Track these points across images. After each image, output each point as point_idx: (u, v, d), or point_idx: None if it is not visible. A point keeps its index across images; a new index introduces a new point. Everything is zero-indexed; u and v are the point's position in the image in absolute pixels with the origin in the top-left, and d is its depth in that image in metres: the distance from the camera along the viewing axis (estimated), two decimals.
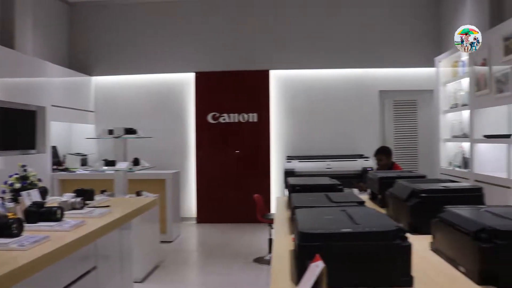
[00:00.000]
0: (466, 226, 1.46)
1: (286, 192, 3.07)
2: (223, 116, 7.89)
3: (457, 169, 5.80)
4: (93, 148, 7.49)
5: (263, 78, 7.80)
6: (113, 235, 3.15)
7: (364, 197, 3.38)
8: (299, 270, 1.31)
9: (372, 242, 1.33)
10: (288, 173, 6.61)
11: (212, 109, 7.88)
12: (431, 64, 6.84)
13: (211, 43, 7.87)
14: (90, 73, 8.01)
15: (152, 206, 3.88)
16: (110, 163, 5.05)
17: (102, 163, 5.18)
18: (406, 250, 1.35)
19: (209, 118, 7.88)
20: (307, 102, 7.75)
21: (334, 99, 7.71)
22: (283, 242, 1.98)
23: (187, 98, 7.97)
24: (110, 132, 5.06)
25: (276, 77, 7.85)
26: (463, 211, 1.64)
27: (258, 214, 5.44)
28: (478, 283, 1.41)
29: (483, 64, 5.05)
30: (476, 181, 5.08)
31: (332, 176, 3.43)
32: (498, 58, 4.68)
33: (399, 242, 1.35)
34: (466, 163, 5.59)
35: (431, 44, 7.59)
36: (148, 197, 5.05)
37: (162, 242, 5.85)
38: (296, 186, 2.71)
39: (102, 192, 4.52)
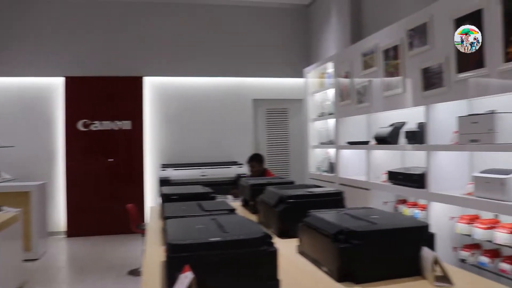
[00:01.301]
0: (327, 229, 1.57)
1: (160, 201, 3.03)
2: (94, 123, 7.55)
3: (324, 173, 6.15)
4: None
5: (136, 84, 7.61)
6: None
7: (238, 204, 3.46)
8: (169, 282, 1.31)
9: (239, 250, 1.37)
10: (163, 182, 6.53)
11: (83, 116, 7.50)
12: (301, 75, 7.22)
13: (82, 47, 7.49)
14: None
15: (12, 222, 3.58)
16: None
17: None
18: (273, 255, 1.41)
19: (80, 125, 7.48)
20: (182, 110, 7.74)
21: (209, 107, 7.79)
22: (155, 253, 1.95)
23: (56, 104, 7.49)
24: None
25: (150, 84, 7.71)
26: (325, 214, 1.76)
27: (132, 224, 5.29)
28: (338, 281, 1.52)
29: (346, 77, 5.44)
30: (341, 184, 5.44)
31: (208, 183, 3.47)
32: (359, 72, 5.08)
33: (266, 248, 1.40)
34: (332, 168, 5.95)
35: (301, 56, 8.04)
36: (8, 212, 4.64)
37: (26, 260, 5.39)
38: (169, 195, 2.69)
39: None
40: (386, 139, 4.47)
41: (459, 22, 3.43)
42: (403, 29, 4.18)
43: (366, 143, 4.99)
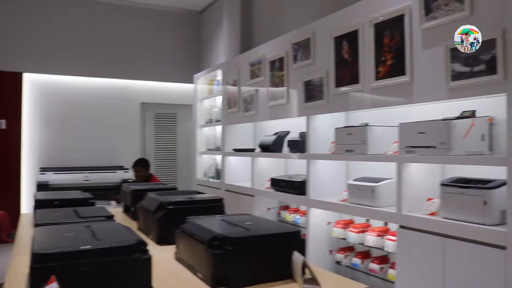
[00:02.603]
0: (202, 235, 1.58)
1: None
2: None
3: (211, 180, 6.19)
4: None
5: (14, 80, 7.03)
6: None
7: (119, 210, 3.37)
8: None
9: (111, 258, 1.33)
10: (41, 186, 6.12)
11: None
12: (190, 80, 7.20)
13: None
14: None
15: None
16: None
17: None
18: (146, 262, 1.39)
19: None
20: (67, 111, 7.29)
21: (96, 109, 7.45)
22: (22, 264, 1.83)
23: None
24: None
25: (31, 81, 7.16)
26: (202, 221, 1.78)
27: (2, 233, 4.89)
28: (212, 287, 1.54)
29: (234, 85, 5.54)
30: (227, 190, 5.52)
31: (91, 188, 3.34)
32: (246, 81, 5.20)
33: (139, 256, 1.38)
34: (218, 174, 6.01)
35: (191, 61, 8.03)
36: None
37: None
38: (42, 201, 2.54)
39: None
40: (270, 147, 4.62)
41: (338, 40, 3.68)
42: (289, 42, 4.36)
43: (251, 150, 5.12)
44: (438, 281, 2.75)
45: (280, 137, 4.64)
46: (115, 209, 3.33)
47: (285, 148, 4.53)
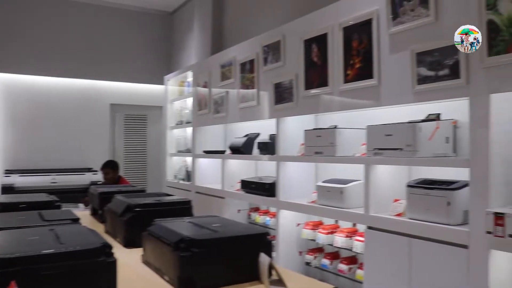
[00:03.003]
0: (169, 238, 1.57)
1: None
2: None
3: (182, 181, 6.16)
4: None
5: None
6: None
7: (87, 213, 3.31)
8: None
9: (75, 262, 1.31)
10: (6, 189, 5.98)
11: None
12: (161, 81, 7.15)
13: None
14: None
15: None
16: None
17: None
18: (111, 266, 1.37)
19: None
20: (33, 111, 7.10)
21: (63, 109, 7.29)
22: None
23: None
24: None
25: None
26: (169, 223, 1.77)
27: None
28: None
29: (205, 86, 5.53)
30: (197, 192, 5.50)
31: (59, 191, 3.27)
32: (216, 83, 5.19)
33: (104, 259, 1.36)
34: (189, 176, 5.99)
35: (162, 63, 7.96)
36: None
37: None
38: (6, 205, 2.48)
39: None
40: (240, 149, 4.62)
41: (307, 43, 3.71)
42: (259, 44, 4.38)
43: (222, 152, 5.11)
44: (404, 280, 2.80)
45: (250, 139, 4.65)
46: (83, 212, 3.28)
47: (255, 150, 4.55)
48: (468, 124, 2.51)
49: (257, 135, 4.68)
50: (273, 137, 4.22)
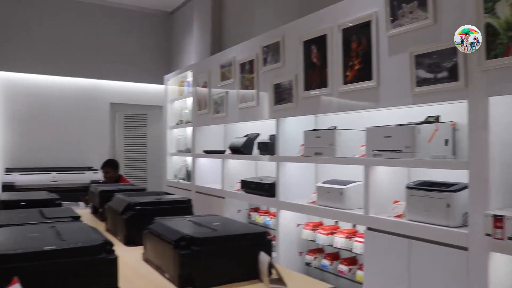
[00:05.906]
0: (169, 236, 1.59)
1: None
2: None
3: (182, 181, 6.17)
4: None
5: None
6: None
7: (88, 211, 3.33)
8: None
9: (76, 258, 1.32)
10: (7, 187, 6.00)
11: None
12: (161, 81, 7.16)
13: None
14: None
15: None
16: None
17: None
18: (112, 263, 1.38)
19: None
20: (33, 110, 7.11)
21: (64, 108, 7.30)
22: None
23: None
24: None
25: None
26: (169, 221, 1.78)
27: None
28: (179, 287, 1.54)
29: (204, 86, 5.54)
30: (197, 192, 5.51)
31: (59, 189, 3.28)
32: (216, 83, 5.20)
33: (105, 256, 1.37)
34: (189, 175, 6.00)
35: (162, 62, 7.97)
36: None
37: None
38: (7, 202, 2.49)
39: None
40: (240, 149, 4.64)
41: (307, 44, 3.73)
42: (259, 45, 4.39)
43: (221, 152, 5.12)
44: (404, 282, 2.82)
45: (250, 139, 4.66)
46: (83, 210, 3.29)
47: (255, 150, 4.56)
48: (467, 126, 2.52)
49: (257, 135, 4.69)
50: (273, 138, 4.23)
